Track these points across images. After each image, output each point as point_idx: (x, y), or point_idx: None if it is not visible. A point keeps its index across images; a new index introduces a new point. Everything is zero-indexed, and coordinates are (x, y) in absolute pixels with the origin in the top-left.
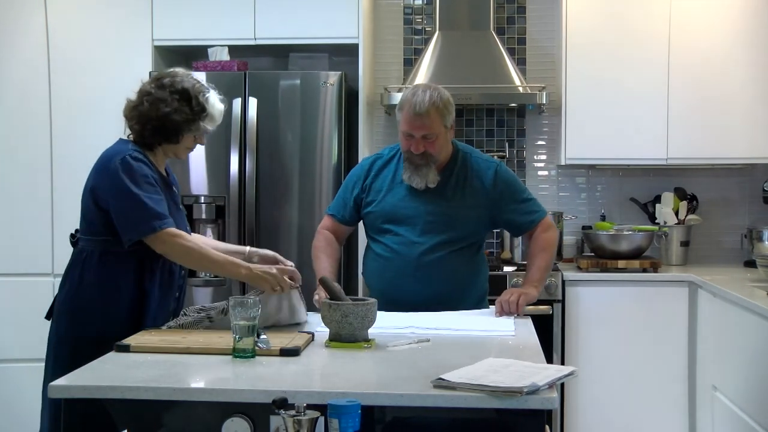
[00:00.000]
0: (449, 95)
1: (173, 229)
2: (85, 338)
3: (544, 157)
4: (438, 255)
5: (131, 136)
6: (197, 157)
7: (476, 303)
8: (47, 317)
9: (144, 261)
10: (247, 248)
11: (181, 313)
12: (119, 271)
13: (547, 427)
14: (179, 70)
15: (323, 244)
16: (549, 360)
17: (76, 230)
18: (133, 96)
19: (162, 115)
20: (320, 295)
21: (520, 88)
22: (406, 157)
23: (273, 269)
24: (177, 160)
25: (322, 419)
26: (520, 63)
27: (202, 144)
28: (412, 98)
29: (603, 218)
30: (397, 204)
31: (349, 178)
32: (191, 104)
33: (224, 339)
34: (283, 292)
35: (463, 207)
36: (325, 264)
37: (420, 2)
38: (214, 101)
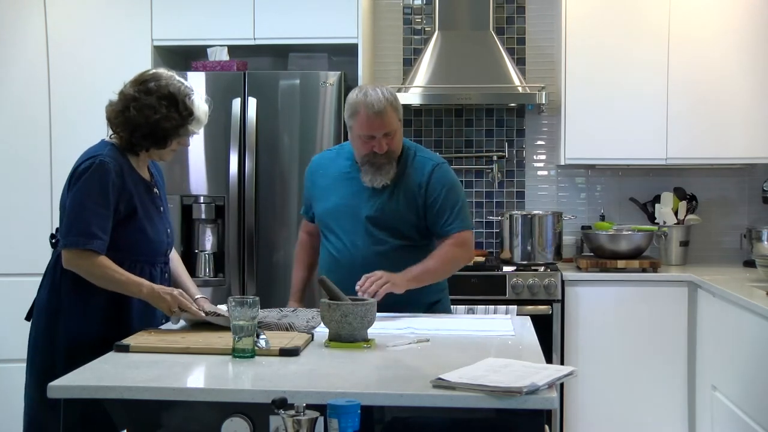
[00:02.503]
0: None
1: (92, 253)
2: (62, 339)
3: (543, 157)
4: (382, 251)
5: (114, 137)
6: (197, 157)
7: (432, 304)
8: (27, 318)
9: (122, 265)
10: (198, 296)
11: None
12: None
13: (546, 427)
14: (162, 71)
15: (301, 254)
16: (548, 360)
17: (57, 229)
18: (115, 97)
19: (152, 123)
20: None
21: (520, 88)
22: (365, 160)
23: (174, 291)
24: (167, 161)
25: (321, 419)
26: (520, 63)
27: (186, 146)
28: (365, 99)
29: (602, 218)
30: (339, 203)
31: (305, 178)
32: (179, 109)
33: (224, 339)
34: (180, 314)
35: (399, 205)
36: (296, 279)
37: (419, 2)
38: (199, 103)
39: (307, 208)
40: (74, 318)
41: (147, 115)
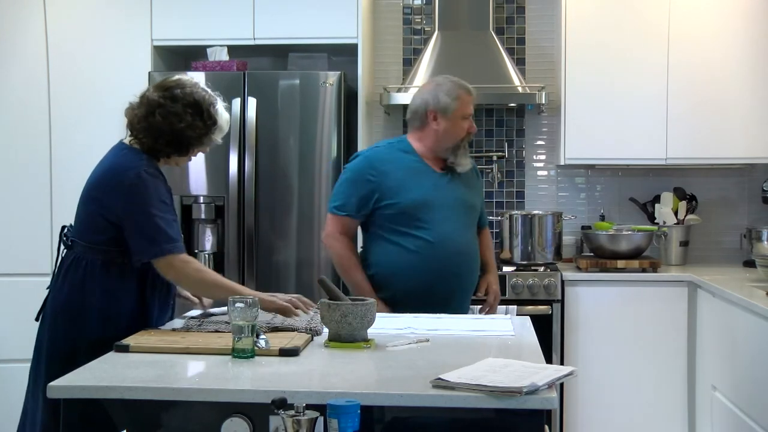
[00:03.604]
0: None
1: (184, 255)
2: (84, 341)
3: (543, 157)
4: (468, 241)
5: (133, 142)
6: (196, 157)
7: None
8: (36, 318)
9: (147, 273)
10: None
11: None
12: (122, 281)
13: (546, 427)
14: (184, 78)
15: (353, 257)
16: (548, 360)
17: (64, 227)
18: (135, 100)
19: (177, 131)
20: None
21: (520, 88)
22: (459, 143)
23: (284, 297)
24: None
25: (321, 419)
26: (520, 63)
27: (205, 152)
28: (459, 82)
29: (602, 218)
30: (427, 193)
31: (356, 175)
32: (203, 117)
33: (223, 339)
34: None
35: (472, 192)
36: (365, 282)
37: (419, 2)
38: (222, 111)
39: (359, 206)
40: (99, 321)
41: (172, 123)
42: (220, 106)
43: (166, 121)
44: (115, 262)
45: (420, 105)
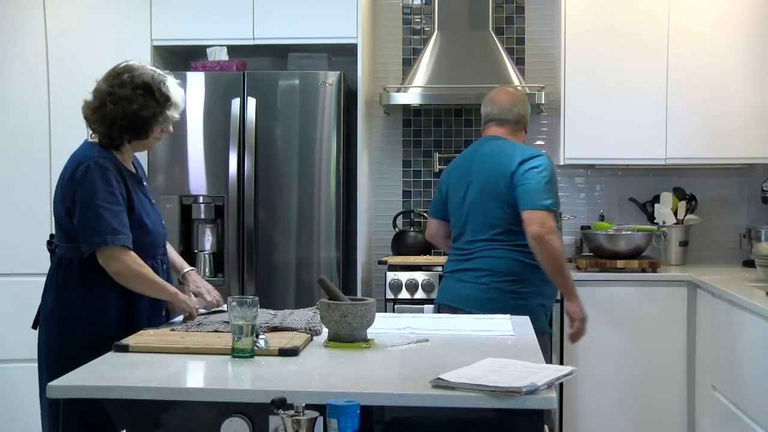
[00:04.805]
0: None
1: (127, 248)
2: (77, 343)
3: None
4: None
5: (94, 136)
6: (196, 157)
7: None
8: (34, 327)
9: None
10: (187, 269)
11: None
12: (101, 276)
13: (545, 426)
14: (133, 62)
15: None
16: (548, 360)
17: (52, 236)
18: (89, 97)
19: (130, 113)
20: None
21: (519, 88)
22: None
23: (193, 307)
24: (149, 152)
25: (321, 419)
26: (519, 63)
27: (169, 133)
28: None
29: (602, 218)
30: None
31: (553, 173)
32: (155, 96)
33: (223, 339)
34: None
35: None
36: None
37: (419, 2)
38: (174, 88)
39: None
40: (87, 322)
41: (124, 107)
42: (171, 82)
43: (118, 107)
44: (91, 258)
45: (526, 112)
